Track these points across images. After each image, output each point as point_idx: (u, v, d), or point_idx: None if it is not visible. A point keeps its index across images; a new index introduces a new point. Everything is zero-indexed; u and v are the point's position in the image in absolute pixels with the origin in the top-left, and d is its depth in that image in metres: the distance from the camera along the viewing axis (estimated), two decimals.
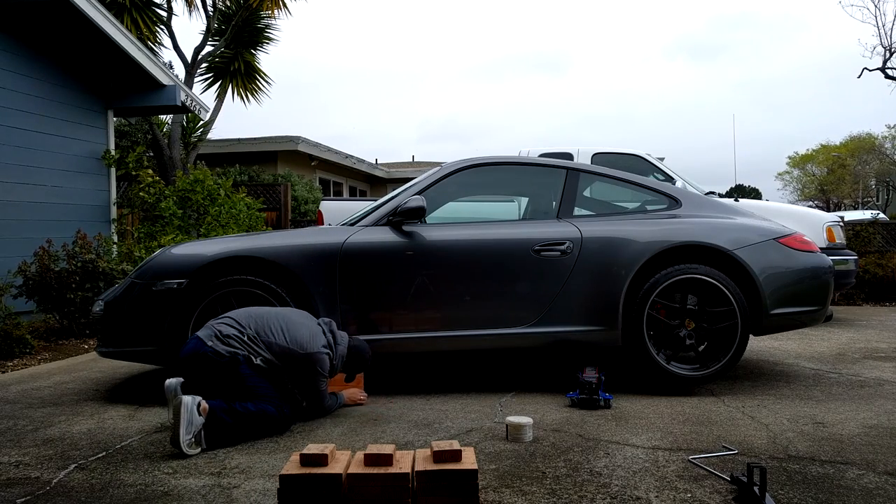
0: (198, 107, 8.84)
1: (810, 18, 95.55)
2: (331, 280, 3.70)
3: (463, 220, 4.13)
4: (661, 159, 7.97)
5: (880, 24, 26.59)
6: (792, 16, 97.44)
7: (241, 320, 3.17)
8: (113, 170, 7.96)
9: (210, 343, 3.04)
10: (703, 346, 3.78)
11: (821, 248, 4.81)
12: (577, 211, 4.06)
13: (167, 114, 9.63)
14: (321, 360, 3.19)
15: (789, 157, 48.22)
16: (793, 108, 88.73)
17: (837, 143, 43.49)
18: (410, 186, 4.09)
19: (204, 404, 2.84)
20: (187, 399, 2.76)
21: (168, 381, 3.06)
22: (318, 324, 3.34)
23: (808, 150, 46.07)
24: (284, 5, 10.64)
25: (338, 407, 3.43)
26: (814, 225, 6.53)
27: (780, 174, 49.49)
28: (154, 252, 4.78)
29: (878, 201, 40.82)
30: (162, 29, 10.16)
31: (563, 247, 3.79)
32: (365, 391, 3.66)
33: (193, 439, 2.77)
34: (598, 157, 7.76)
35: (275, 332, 3.16)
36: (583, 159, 7.80)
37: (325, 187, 17.59)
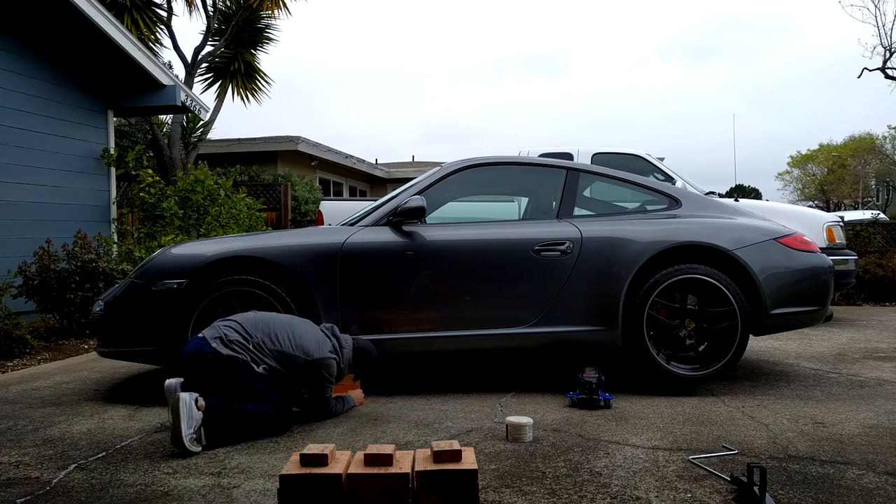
0: (198, 107, 8.84)
1: (804, 21, 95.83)
2: (331, 280, 3.69)
3: (463, 220, 4.13)
4: (661, 159, 7.97)
5: (880, 24, 26.52)
6: (786, 17, 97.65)
7: (248, 327, 3.15)
8: (113, 169, 7.96)
9: (213, 345, 3.03)
10: (703, 346, 3.78)
11: (821, 248, 4.81)
12: (577, 211, 4.06)
13: (167, 114, 9.64)
14: (329, 365, 3.19)
15: (790, 157, 48.29)
16: (791, 109, 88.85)
17: (839, 143, 43.53)
18: (410, 186, 4.09)
19: (201, 401, 2.84)
20: (185, 395, 2.77)
21: (168, 382, 3.07)
22: (322, 330, 3.34)
23: (808, 150, 46.14)
24: (284, 5, 10.65)
25: (347, 410, 3.41)
26: (814, 225, 6.52)
27: (780, 174, 49.55)
28: (154, 252, 4.78)
29: (878, 201, 40.82)
30: (162, 29, 10.17)
31: (563, 247, 3.79)
32: (363, 392, 3.65)
33: (195, 435, 2.77)
34: (598, 157, 7.76)
35: (281, 339, 3.14)
36: (583, 159, 7.81)
37: (325, 187, 17.59)
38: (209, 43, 10.79)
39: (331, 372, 3.20)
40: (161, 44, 10.42)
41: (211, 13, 10.71)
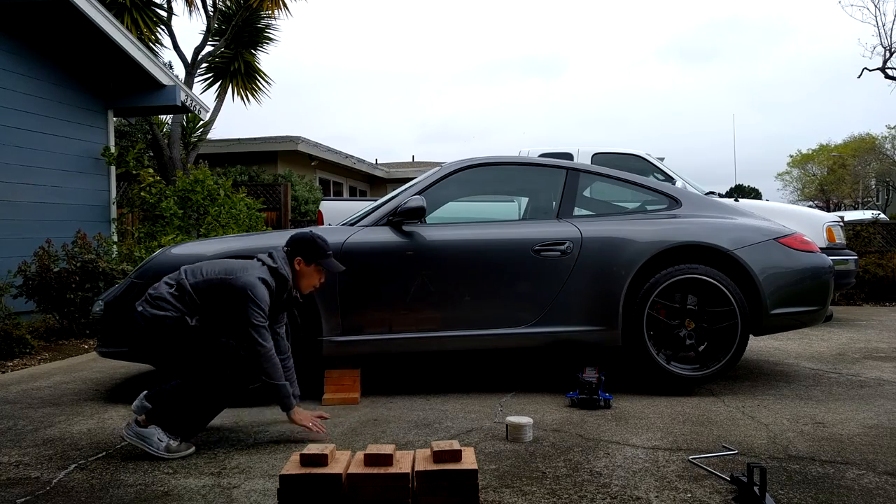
0: (198, 107, 8.85)
1: (800, 22, 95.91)
2: (331, 280, 3.69)
3: (463, 220, 4.13)
4: (661, 159, 7.97)
5: (880, 24, 26.53)
6: (782, 19, 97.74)
7: (177, 273, 2.97)
8: (113, 169, 7.97)
9: (140, 308, 2.87)
10: (703, 346, 3.78)
11: (821, 248, 4.80)
12: (577, 211, 4.06)
13: (167, 114, 9.64)
14: (253, 284, 2.84)
15: (790, 156, 48.28)
16: (790, 110, 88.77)
17: (839, 143, 43.54)
18: (410, 186, 4.09)
19: (140, 417, 2.76)
20: (126, 432, 2.74)
21: (133, 404, 2.91)
22: (256, 257, 3.07)
23: (808, 150, 46.16)
24: (284, 5, 10.65)
25: (286, 391, 2.89)
26: (814, 225, 6.52)
27: (780, 174, 49.55)
28: (154, 252, 4.78)
29: (878, 201, 40.82)
30: (162, 29, 10.17)
31: (563, 247, 3.79)
32: (360, 394, 3.64)
33: (164, 445, 2.72)
34: (598, 157, 7.76)
35: (205, 271, 2.92)
36: (583, 159, 7.80)
37: (325, 187, 17.59)
38: (209, 43, 10.79)
39: (256, 293, 2.83)
40: (161, 44, 10.43)
41: (211, 13, 10.72)
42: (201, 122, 11.02)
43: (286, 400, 2.90)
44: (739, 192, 32.52)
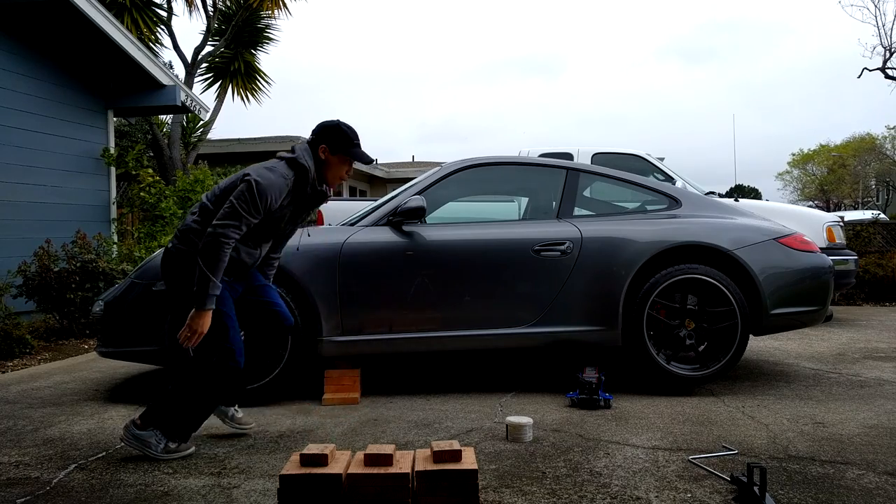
0: (198, 107, 8.85)
1: (798, 23, 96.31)
2: (331, 280, 3.69)
3: (463, 220, 4.13)
4: (661, 159, 7.97)
5: (880, 24, 26.54)
6: (780, 20, 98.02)
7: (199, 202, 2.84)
8: (113, 169, 7.97)
9: (170, 245, 2.77)
10: (703, 346, 3.78)
11: (821, 248, 4.81)
12: (577, 211, 4.06)
13: (167, 114, 9.65)
14: (262, 175, 2.64)
15: (791, 155, 48.32)
16: (790, 110, 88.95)
17: (839, 143, 43.60)
18: (410, 186, 4.09)
19: (136, 419, 2.70)
20: (127, 435, 2.69)
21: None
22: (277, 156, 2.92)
23: (808, 149, 46.24)
24: (284, 5, 10.66)
25: (214, 290, 2.59)
26: (814, 225, 6.52)
27: (780, 174, 49.60)
28: (154, 252, 4.78)
29: (878, 201, 40.84)
30: (162, 29, 10.18)
31: (563, 247, 3.79)
32: (360, 394, 3.64)
33: (161, 446, 2.69)
34: (598, 157, 7.75)
35: (223, 182, 2.78)
36: (583, 159, 7.80)
37: None
38: (209, 43, 10.81)
39: (261, 186, 2.61)
40: (161, 44, 10.46)
41: (211, 13, 10.73)
42: (201, 122, 11.04)
43: (207, 299, 2.58)
44: (739, 192, 32.53)
